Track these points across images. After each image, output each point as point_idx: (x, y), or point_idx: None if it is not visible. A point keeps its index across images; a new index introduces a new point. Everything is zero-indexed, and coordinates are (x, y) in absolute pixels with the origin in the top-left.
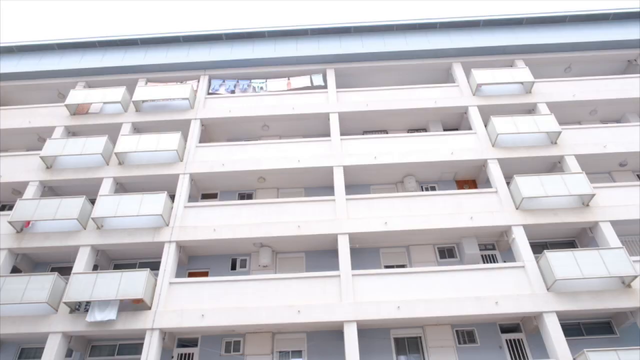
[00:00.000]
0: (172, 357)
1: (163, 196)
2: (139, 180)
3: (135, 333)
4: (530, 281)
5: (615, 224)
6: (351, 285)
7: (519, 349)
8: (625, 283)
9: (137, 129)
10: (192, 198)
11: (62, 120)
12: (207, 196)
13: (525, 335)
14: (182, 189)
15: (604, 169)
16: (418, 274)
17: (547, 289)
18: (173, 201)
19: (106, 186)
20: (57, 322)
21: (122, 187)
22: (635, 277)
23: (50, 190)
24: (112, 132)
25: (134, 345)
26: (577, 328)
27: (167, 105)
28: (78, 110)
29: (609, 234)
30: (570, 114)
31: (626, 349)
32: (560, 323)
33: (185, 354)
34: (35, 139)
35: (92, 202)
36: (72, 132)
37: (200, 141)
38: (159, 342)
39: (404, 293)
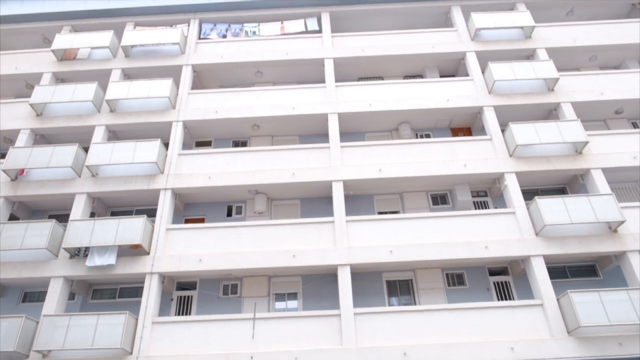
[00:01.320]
0: (172, 299)
1: (157, 144)
2: (131, 128)
3: (135, 277)
4: (519, 227)
5: (606, 171)
6: (345, 230)
7: (505, 291)
8: (612, 228)
9: (127, 75)
10: (186, 146)
11: (49, 66)
12: (201, 144)
13: (512, 278)
14: (176, 136)
15: (600, 116)
16: (410, 219)
17: (536, 234)
18: (167, 149)
19: (99, 134)
20: (57, 267)
21: (114, 135)
22: (622, 222)
23: (42, 138)
24: (101, 78)
25: (135, 288)
26: (562, 271)
27: (157, 50)
28: (65, 55)
29: (600, 181)
30: (569, 60)
31: (608, 290)
32: (547, 266)
33: (185, 297)
34: (23, 85)
35: (86, 150)
36: (60, 78)
37: (192, 88)
38: (158, 285)
39: (397, 238)
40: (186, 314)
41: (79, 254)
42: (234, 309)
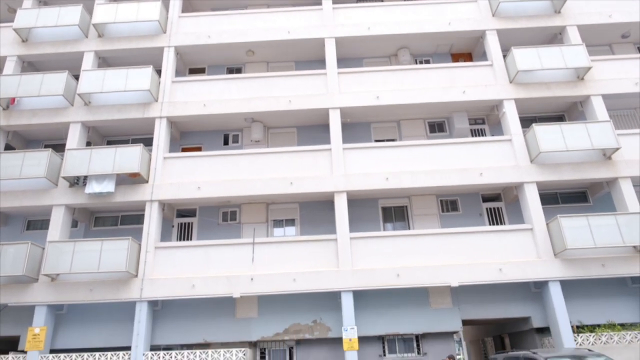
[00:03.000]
0: (173, 226)
1: (149, 71)
2: (122, 54)
3: (136, 205)
4: (515, 154)
5: (606, 98)
6: (342, 158)
7: (497, 216)
8: (607, 155)
9: None
10: (179, 73)
11: None
12: (194, 71)
13: (504, 204)
14: (168, 63)
15: (605, 40)
16: (407, 147)
17: (531, 161)
18: (160, 77)
19: (88, 61)
20: (58, 195)
21: (104, 61)
22: (617, 149)
23: (30, 66)
24: (87, 1)
25: (136, 216)
26: (554, 197)
27: None
28: None
29: (599, 108)
30: None
31: (596, 215)
32: (539, 193)
33: (185, 224)
34: (5, 9)
35: (76, 78)
36: (43, 1)
37: (183, 11)
38: (158, 212)
39: (393, 165)
40: (187, 240)
41: (78, 182)
42: (234, 234)
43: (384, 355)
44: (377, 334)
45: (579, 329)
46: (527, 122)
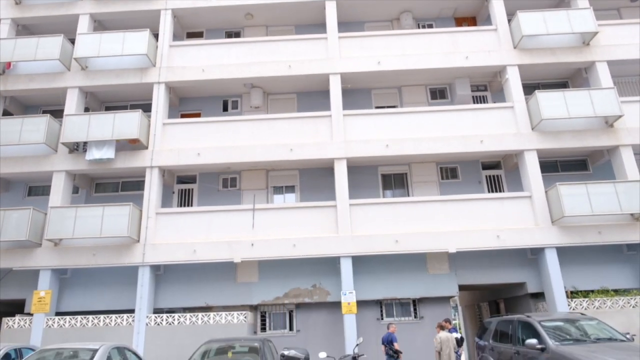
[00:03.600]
0: (173, 192)
1: (146, 34)
2: (118, 17)
3: (136, 171)
4: (517, 121)
5: (612, 64)
6: (342, 124)
7: (496, 184)
8: (609, 123)
9: None
10: (177, 37)
11: None
12: (192, 35)
13: (504, 172)
14: (165, 25)
15: (613, 5)
16: (408, 114)
17: (532, 129)
18: (157, 41)
19: (83, 24)
20: (58, 161)
21: (100, 24)
22: (620, 117)
23: (24, 29)
24: None
25: (136, 182)
26: (553, 165)
27: None
28: None
29: (603, 75)
30: None
31: (594, 183)
32: (539, 161)
33: (185, 190)
34: None
35: (73, 42)
36: None
37: None
38: (159, 178)
39: (393, 132)
40: (188, 207)
41: (78, 148)
42: (234, 201)
43: (382, 318)
44: (375, 299)
45: (573, 294)
46: (529, 89)
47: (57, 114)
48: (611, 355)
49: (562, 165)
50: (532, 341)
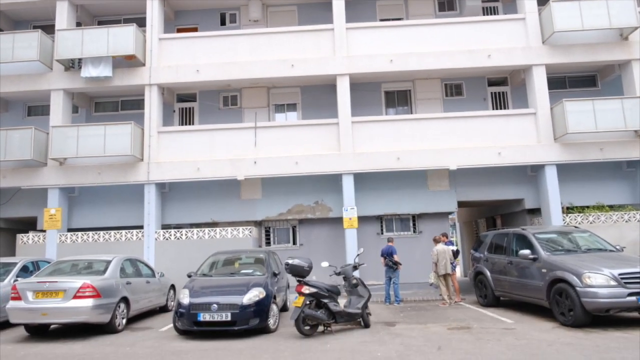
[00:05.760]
0: (174, 111)
1: None
2: None
3: (135, 89)
4: (527, 34)
5: None
6: (345, 39)
7: (502, 101)
8: (623, 35)
9: None
10: None
11: None
12: None
13: (510, 88)
14: None
15: None
16: (413, 27)
17: (543, 42)
18: None
19: None
20: (55, 79)
21: None
22: (636, 28)
23: None
24: None
25: (136, 101)
26: (561, 81)
27: None
28: None
29: None
30: None
31: (602, 99)
32: (547, 76)
33: (186, 109)
34: None
35: None
36: None
37: None
38: (158, 96)
39: (398, 47)
40: (189, 125)
41: (74, 65)
42: (235, 119)
43: (382, 233)
44: (375, 214)
45: (568, 209)
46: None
47: (49, 29)
48: (599, 263)
49: (570, 82)
50: (525, 251)
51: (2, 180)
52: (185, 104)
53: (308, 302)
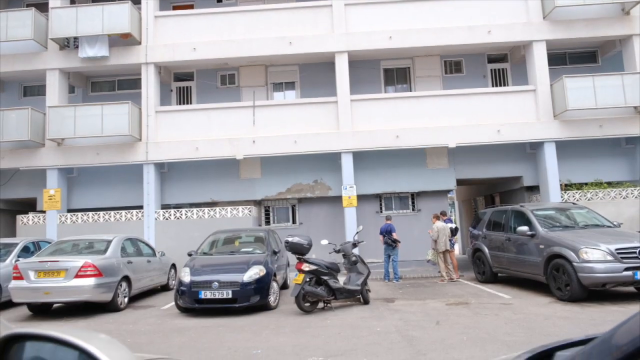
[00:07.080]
0: (171, 90)
1: None
2: None
3: (131, 68)
4: (527, 8)
5: None
6: (343, 15)
7: (501, 77)
8: (625, 10)
9: None
10: None
11: None
12: None
13: (510, 65)
14: None
15: None
16: (412, 2)
17: (544, 17)
18: None
19: None
20: (50, 59)
21: None
22: (638, 2)
23: None
24: None
25: (133, 80)
26: (562, 57)
27: None
28: None
29: None
30: None
31: (602, 75)
32: (548, 53)
33: (183, 88)
34: None
35: None
36: None
37: None
38: (155, 75)
39: (397, 23)
40: (187, 104)
41: (69, 44)
42: (233, 98)
43: (381, 211)
44: (374, 193)
45: (567, 187)
46: None
47: (43, 8)
48: (597, 239)
49: (570, 58)
50: (523, 228)
51: (0, 161)
52: (183, 83)
53: (308, 279)
